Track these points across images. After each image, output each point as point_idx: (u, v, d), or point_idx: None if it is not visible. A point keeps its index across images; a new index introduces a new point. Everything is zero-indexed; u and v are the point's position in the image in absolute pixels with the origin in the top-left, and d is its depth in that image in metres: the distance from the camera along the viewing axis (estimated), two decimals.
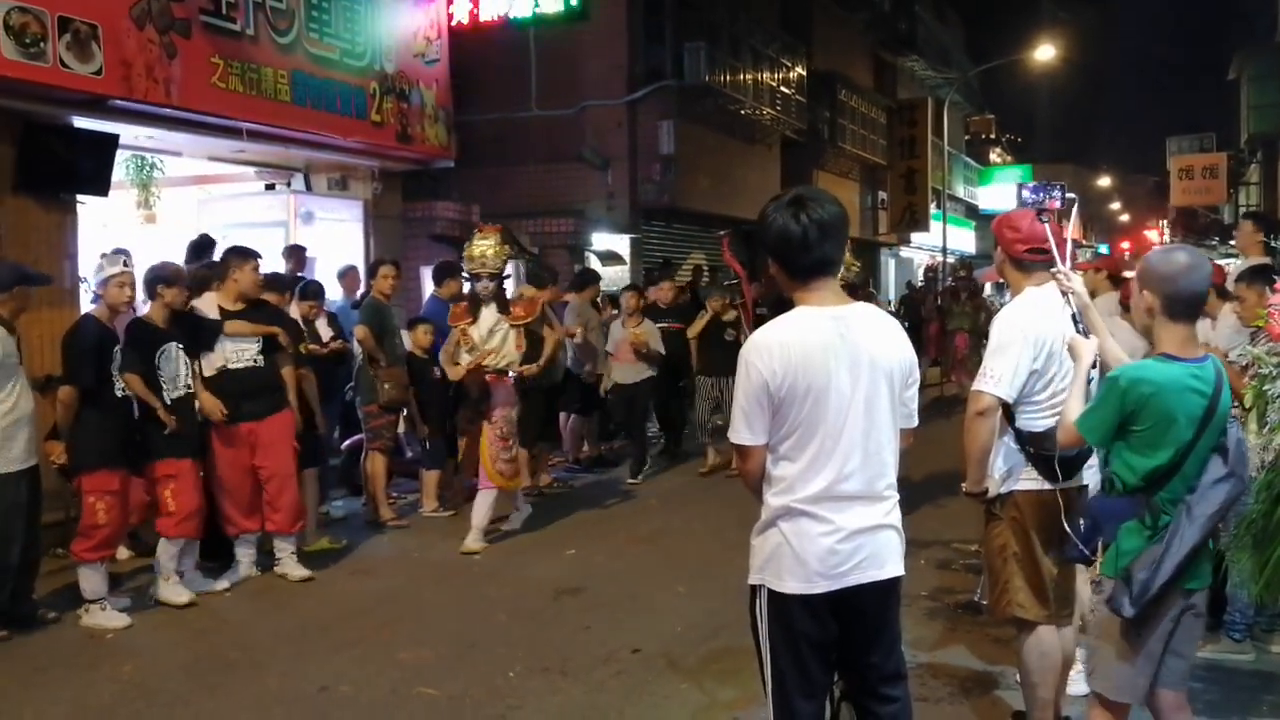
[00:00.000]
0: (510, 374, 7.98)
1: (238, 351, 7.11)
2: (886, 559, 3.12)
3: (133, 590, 6.92)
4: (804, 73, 22.15)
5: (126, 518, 6.58)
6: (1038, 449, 4.03)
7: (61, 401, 6.30)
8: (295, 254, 9.89)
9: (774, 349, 3.02)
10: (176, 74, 8.65)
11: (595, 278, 11.87)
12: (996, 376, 3.95)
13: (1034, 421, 4.04)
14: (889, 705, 3.24)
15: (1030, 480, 4.06)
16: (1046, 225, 4.06)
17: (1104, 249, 61.04)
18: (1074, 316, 3.78)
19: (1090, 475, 4.46)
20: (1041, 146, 60.69)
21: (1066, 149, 61.49)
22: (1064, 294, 3.88)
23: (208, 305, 7.15)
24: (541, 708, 5.00)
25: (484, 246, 7.84)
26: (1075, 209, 4.13)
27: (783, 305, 3.20)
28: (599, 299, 11.78)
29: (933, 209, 29.95)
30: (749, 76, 19.51)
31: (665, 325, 11.28)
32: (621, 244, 16.87)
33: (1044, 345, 3.99)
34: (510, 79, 16.61)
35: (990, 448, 4.03)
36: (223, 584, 6.99)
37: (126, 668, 5.65)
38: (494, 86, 16.23)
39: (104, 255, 6.57)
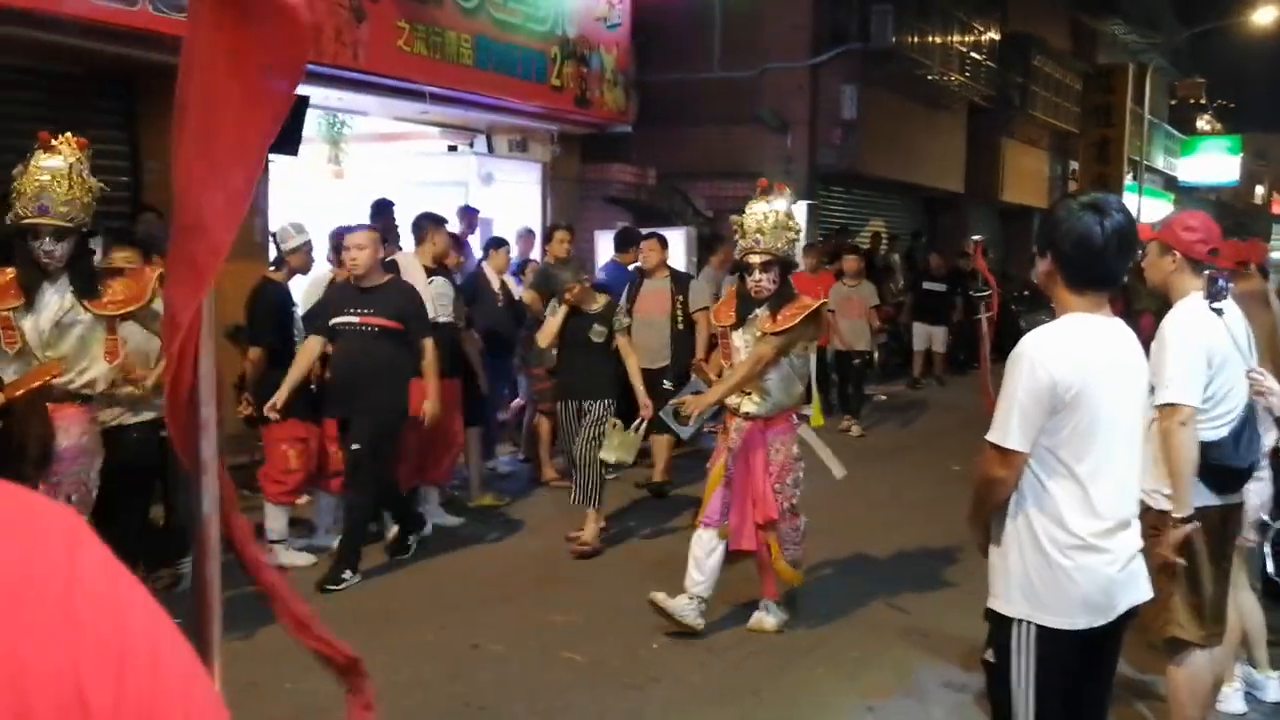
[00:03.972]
0: (92, 401, 5.02)
1: (443, 307, 7.43)
2: (1143, 580, 3.03)
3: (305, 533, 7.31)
4: (996, 36, 21.40)
5: (311, 463, 6.94)
6: (1206, 460, 3.88)
7: (250, 360, 6.72)
8: (467, 216, 10.16)
9: (1064, 350, 2.87)
10: (364, 38, 8.96)
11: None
12: (1182, 384, 3.77)
13: (1203, 433, 3.89)
14: None
15: (1195, 495, 3.90)
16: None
17: None
18: (1278, 420, 3.62)
19: (1261, 489, 4.30)
20: (1257, 113, 57.15)
21: None
22: (1259, 394, 3.70)
23: (411, 263, 7.49)
24: (680, 680, 5.10)
25: (46, 173, 4.71)
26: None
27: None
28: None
29: (1128, 180, 28.67)
30: (937, 40, 18.96)
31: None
32: (798, 209, 16.70)
33: (1217, 353, 3.85)
34: (692, 40, 16.56)
35: (1193, 458, 3.80)
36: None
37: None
38: (676, 47, 16.21)
39: (291, 224, 6.94)
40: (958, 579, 6.21)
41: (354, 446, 6.49)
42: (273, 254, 7.23)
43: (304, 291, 7.09)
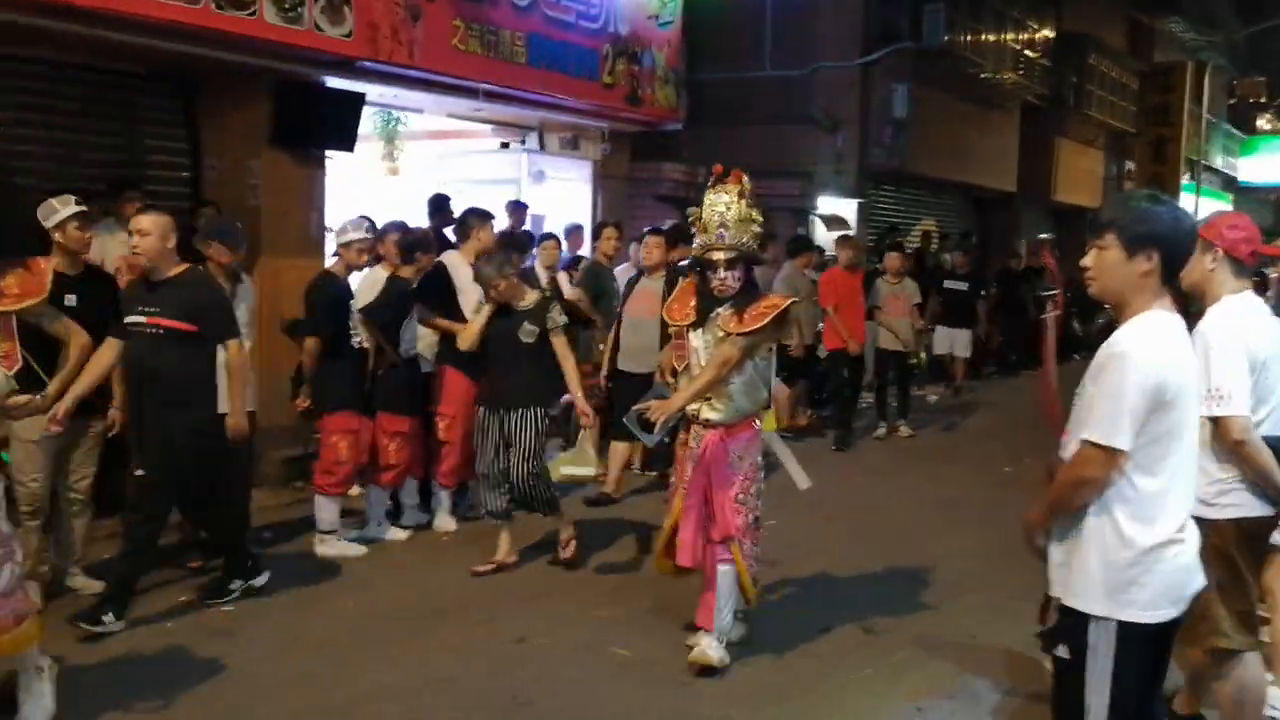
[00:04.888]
0: None
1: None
2: (1200, 569, 3.08)
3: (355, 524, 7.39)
4: (1051, 35, 21.19)
5: (362, 455, 7.03)
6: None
7: (307, 351, 6.84)
8: (517, 210, 10.27)
9: (1168, 349, 2.93)
10: (419, 36, 9.03)
11: (809, 244, 11.80)
12: (1229, 394, 3.75)
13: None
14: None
15: (1235, 507, 3.86)
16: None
17: None
18: None
19: None
20: None
21: None
22: None
23: (457, 261, 7.57)
24: (725, 679, 5.11)
25: None
26: None
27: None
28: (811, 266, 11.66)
29: (1185, 180, 28.26)
30: (991, 38, 18.82)
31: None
32: (848, 208, 16.65)
33: (1256, 356, 3.84)
34: (744, 38, 16.55)
35: (1273, 459, 3.81)
36: (405, 533, 7.36)
37: (349, 603, 6.09)
38: (728, 46, 16.20)
39: (350, 220, 7.07)
40: (1006, 581, 6.17)
41: (138, 472, 5.54)
42: (331, 248, 7.36)
43: (358, 289, 7.15)
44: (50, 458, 5.75)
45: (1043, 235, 12.15)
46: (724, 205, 5.12)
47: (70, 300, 5.61)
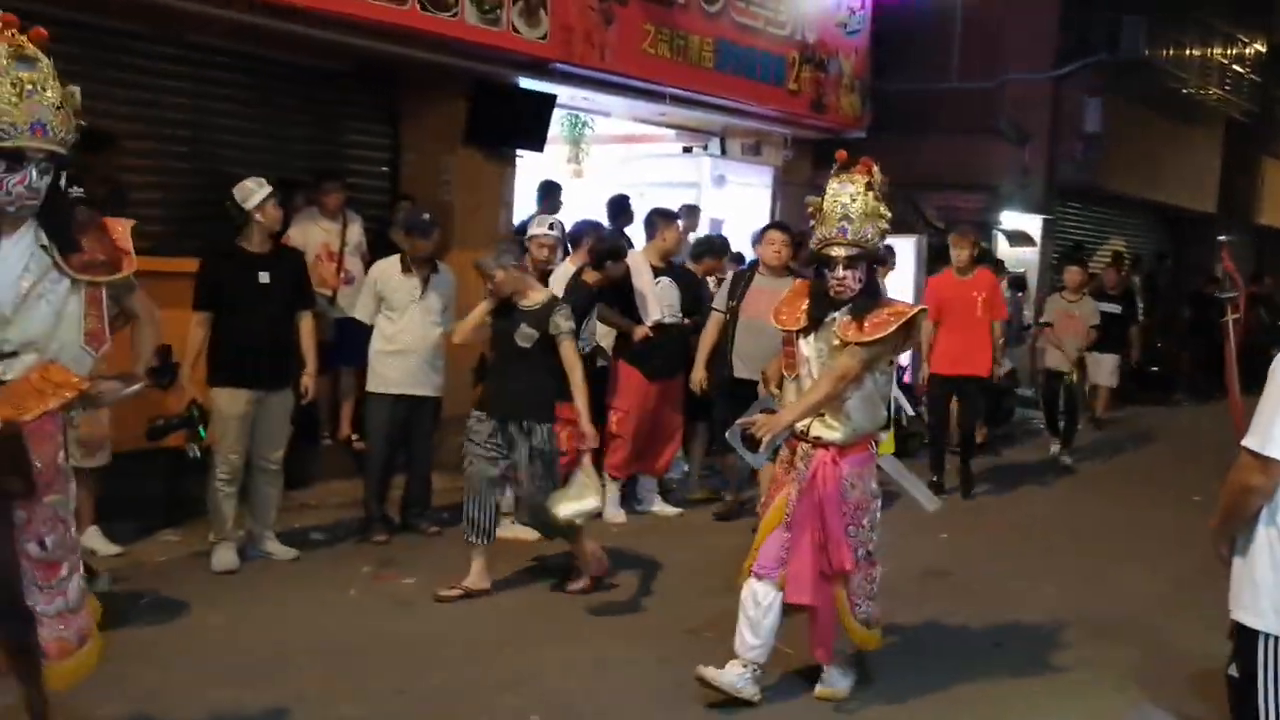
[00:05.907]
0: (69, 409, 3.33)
1: (669, 306, 7.68)
2: None
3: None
4: (1262, 49, 20.24)
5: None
6: None
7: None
8: (692, 214, 10.36)
9: None
10: (611, 40, 9.23)
11: (990, 258, 11.58)
12: None
13: None
14: None
15: None
16: None
17: None
18: None
19: None
20: None
21: None
22: None
23: (639, 263, 7.77)
24: (896, 685, 5.04)
25: (27, 81, 3.08)
26: None
27: None
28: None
29: None
30: (1194, 52, 18.09)
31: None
32: (1033, 224, 16.25)
33: None
34: (931, 49, 16.29)
35: None
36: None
37: (521, 584, 6.26)
38: (915, 56, 15.99)
39: (541, 217, 7.31)
40: (1192, 601, 5.94)
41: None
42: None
43: (552, 285, 7.35)
44: (247, 431, 6.12)
45: (1222, 237, 11.41)
46: (849, 196, 4.57)
47: (264, 278, 6.09)
